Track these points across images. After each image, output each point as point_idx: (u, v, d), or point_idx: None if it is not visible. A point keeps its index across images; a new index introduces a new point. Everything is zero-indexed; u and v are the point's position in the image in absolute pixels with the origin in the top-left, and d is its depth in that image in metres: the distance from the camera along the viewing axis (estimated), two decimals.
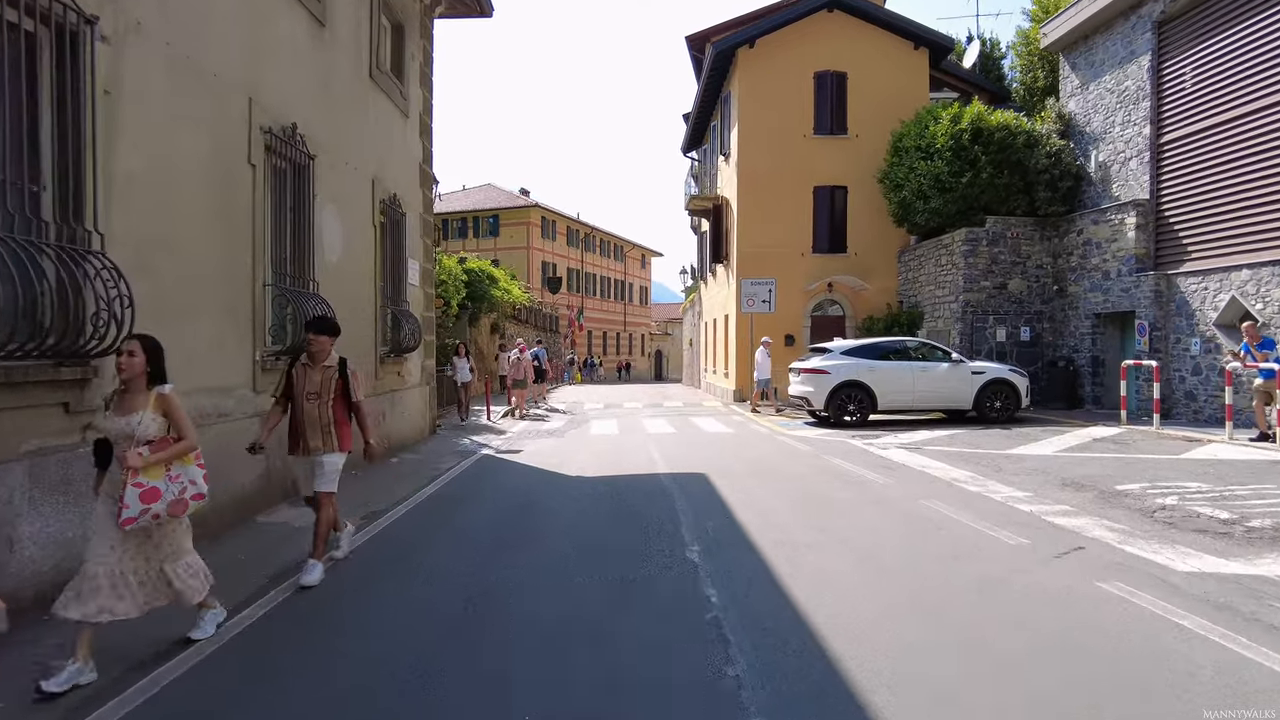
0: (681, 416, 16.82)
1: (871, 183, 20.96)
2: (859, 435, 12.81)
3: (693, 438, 12.89)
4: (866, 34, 21.52)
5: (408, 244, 12.07)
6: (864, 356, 14.40)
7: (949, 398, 14.42)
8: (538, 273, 47.70)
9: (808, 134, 21.47)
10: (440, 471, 9.79)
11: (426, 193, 13.36)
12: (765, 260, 21.05)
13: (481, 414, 17.03)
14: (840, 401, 14.11)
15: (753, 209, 21.42)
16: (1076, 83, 17.77)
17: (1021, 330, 17.85)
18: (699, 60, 35.70)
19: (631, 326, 62.33)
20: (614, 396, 25.63)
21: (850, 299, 21.53)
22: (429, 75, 13.40)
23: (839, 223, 21.53)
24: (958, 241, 17.91)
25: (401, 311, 11.55)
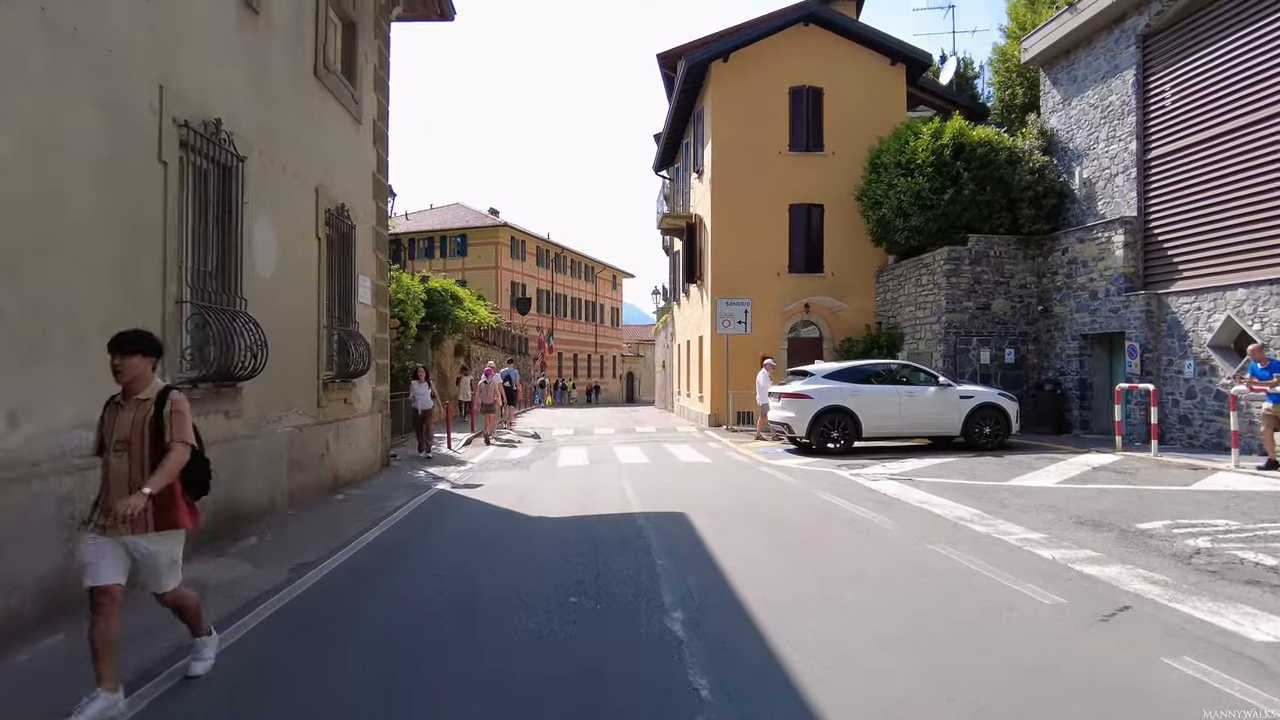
0: (655, 444, 15.92)
1: (848, 201, 20.40)
2: (845, 465, 12.00)
3: (668, 469, 11.98)
4: (843, 49, 21.06)
5: (358, 259, 11.09)
6: (847, 380, 13.65)
7: (937, 423, 13.70)
8: (506, 293, 46.68)
9: (783, 151, 20.89)
10: (387, 511, 8.77)
11: (381, 205, 12.41)
12: (740, 280, 20.33)
13: (442, 442, 15.97)
14: (823, 428, 13.31)
15: (727, 227, 20.73)
16: (1058, 98, 17.37)
17: (1006, 352, 17.27)
18: (670, 78, 35.26)
19: (603, 348, 61.43)
20: (584, 421, 24.66)
21: (827, 320, 20.86)
22: (385, 80, 12.50)
23: (815, 242, 20.91)
24: (939, 261, 17.33)
25: (349, 333, 10.55)
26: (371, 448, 11.85)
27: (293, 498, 8.71)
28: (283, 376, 8.49)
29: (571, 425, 22.67)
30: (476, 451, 15.36)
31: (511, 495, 9.65)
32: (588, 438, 17.85)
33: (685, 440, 16.71)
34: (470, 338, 25.78)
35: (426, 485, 10.75)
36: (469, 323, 23.30)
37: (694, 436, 17.67)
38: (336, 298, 10.42)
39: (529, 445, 16.38)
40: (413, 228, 49.52)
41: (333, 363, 10.15)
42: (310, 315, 9.42)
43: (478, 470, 12.40)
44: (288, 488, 8.62)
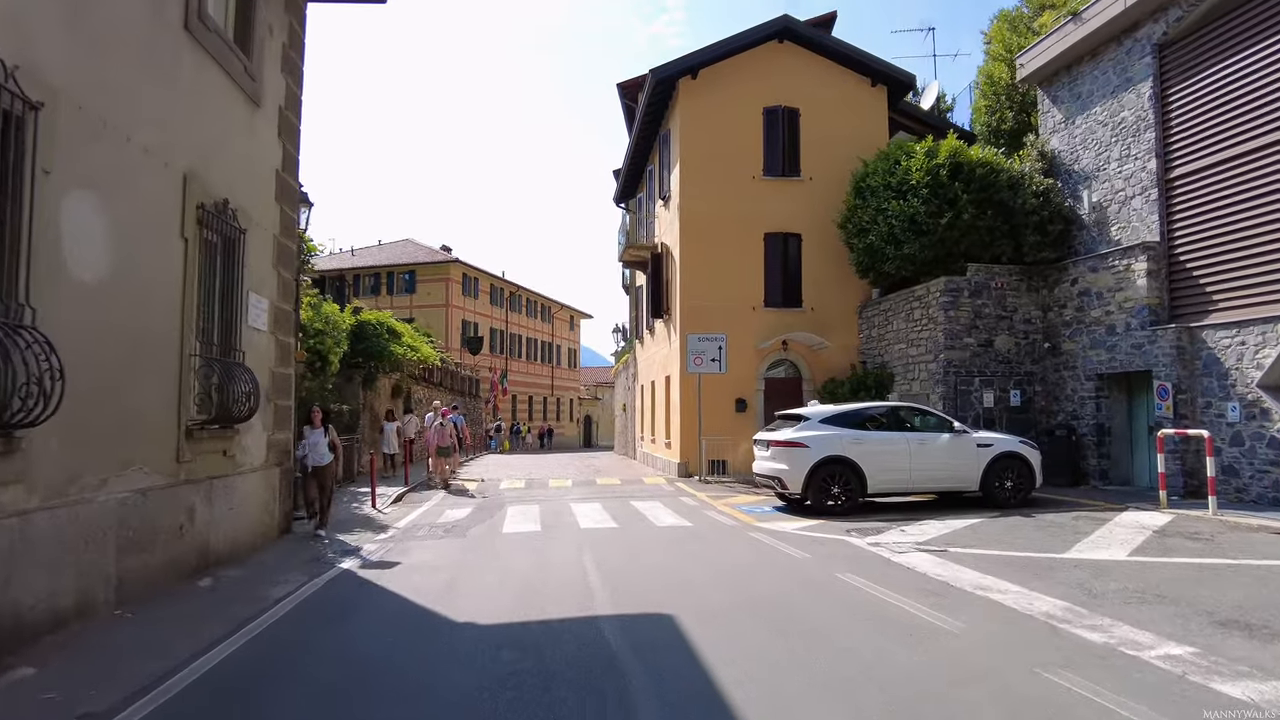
0: (620, 500, 13.63)
1: (827, 230, 18.69)
2: (853, 528, 9.88)
3: (641, 538, 9.70)
4: (820, 68, 19.56)
5: (251, 273, 8.76)
6: (848, 425, 11.60)
7: (951, 476, 11.71)
8: (457, 332, 44.18)
9: (757, 175, 19.15)
10: (261, 607, 6.34)
11: (289, 211, 10.11)
12: (712, 315, 18.36)
13: (366, 500, 13.46)
14: (822, 483, 11.20)
15: (696, 257, 18.81)
16: (1059, 117, 15.94)
17: (1011, 394, 15.49)
18: (631, 109, 33.66)
19: (559, 390, 58.99)
20: (538, 470, 22.20)
21: (807, 359, 18.95)
22: (297, 63, 10.32)
23: (793, 274, 19.10)
24: (935, 292, 15.58)
25: (232, 365, 8.17)
26: (264, 511, 9.36)
27: (126, 591, 6.24)
28: (113, 421, 6.11)
29: (523, 475, 20.23)
30: (406, 510, 12.88)
31: (436, 581, 7.28)
32: (541, 492, 15.47)
33: (655, 495, 14.45)
34: (411, 378, 23.28)
35: (330, 562, 8.31)
36: (408, 360, 20.85)
37: (664, 490, 15.41)
38: (214, 319, 8.06)
39: (468, 504, 13.94)
40: (360, 264, 46.98)
41: (206, 403, 7.74)
42: (167, 339, 7.05)
43: (402, 538, 9.96)
44: (117, 577, 6.15)
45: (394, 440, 17.26)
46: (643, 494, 14.64)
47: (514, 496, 14.66)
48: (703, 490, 15.19)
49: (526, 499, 14.15)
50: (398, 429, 16.80)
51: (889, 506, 11.94)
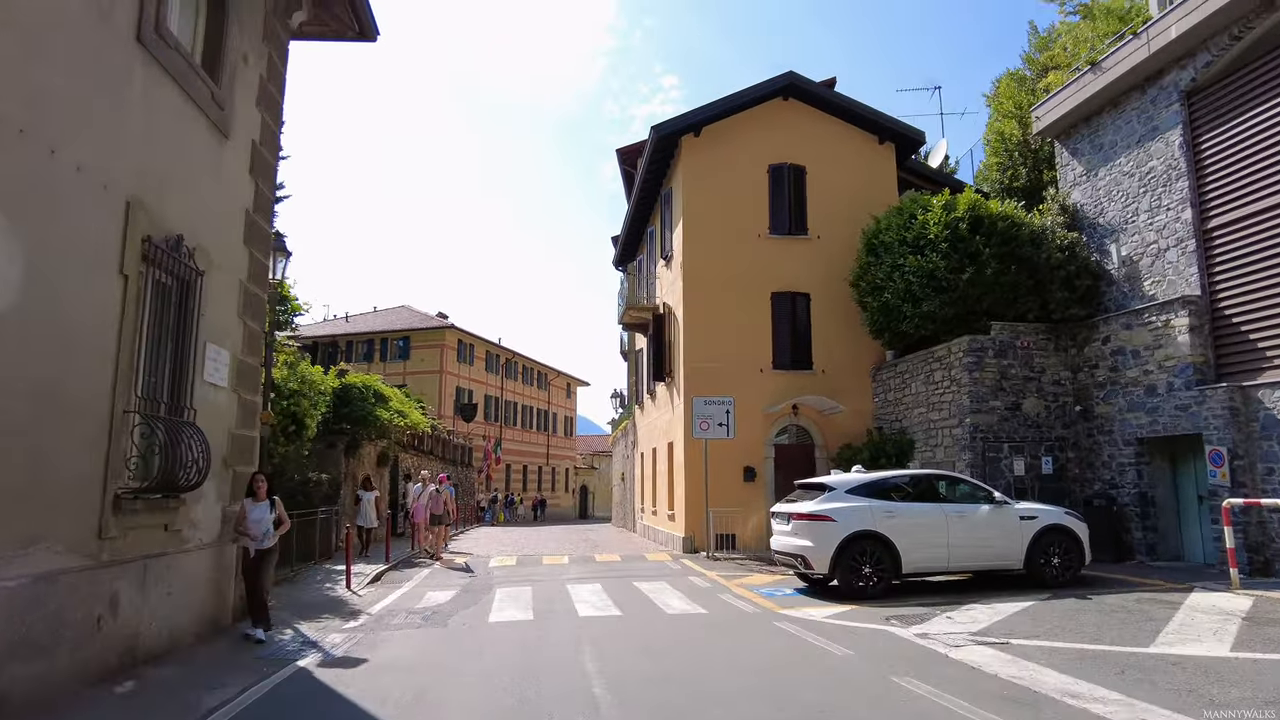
0: (622, 580, 12.31)
1: (837, 289, 17.87)
2: (892, 615, 8.63)
3: (651, 629, 8.41)
4: (826, 125, 19.07)
5: (208, 321, 7.73)
6: (878, 496, 10.43)
7: (993, 552, 10.48)
8: (451, 399, 43.03)
9: (763, 233, 18.42)
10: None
11: (260, 256, 9.16)
12: (718, 377, 17.34)
13: (341, 579, 12.13)
14: (851, 561, 9.96)
15: (700, 317, 17.91)
16: (1080, 170, 15.28)
17: (1043, 460, 14.37)
18: (630, 174, 33.39)
19: (555, 460, 57.49)
20: (531, 545, 20.79)
21: (819, 424, 17.85)
22: (275, 98, 9.53)
23: (802, 334, 18.17)
24: (958, 353, 14.61)
25: (179, 425, 7.05)
26: (214, 594, 8.10)
27: (11, 707, 4.98)
28: (10, 489, 4.97)
29: (515, 550, 18.82)
30: (384, 592, 11.55)
31: (406, 688, 6.01)
32: (534, 570, 14.12)
33: (659, 574, 13.14)
34: (399, 445, 22.06)
35: (285, 659, 7.02)
36: (395, 426, 19.68)
37: (669, 569, 14.08)
38: (161, 370, 6.99)
39: (454, 584, 12.61)
40: (353, 329, 46.14)
41: (145, 469, 6.61)
42: (94, 392, 5.96)
43: (374, 627, 8.66)
44: None
45: (371, 513, 15.72)
46: (646, 573, 13.31)
47: (504, 575, 13.31)
48: (712, 568, 13.87)
49: (518, 578, 12.82)
50: (376, 500, 15.26)
51: (923, 587, 10.67)
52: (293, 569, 12.95)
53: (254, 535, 7.96)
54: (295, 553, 13.39)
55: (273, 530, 8.10)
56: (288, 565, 12.90)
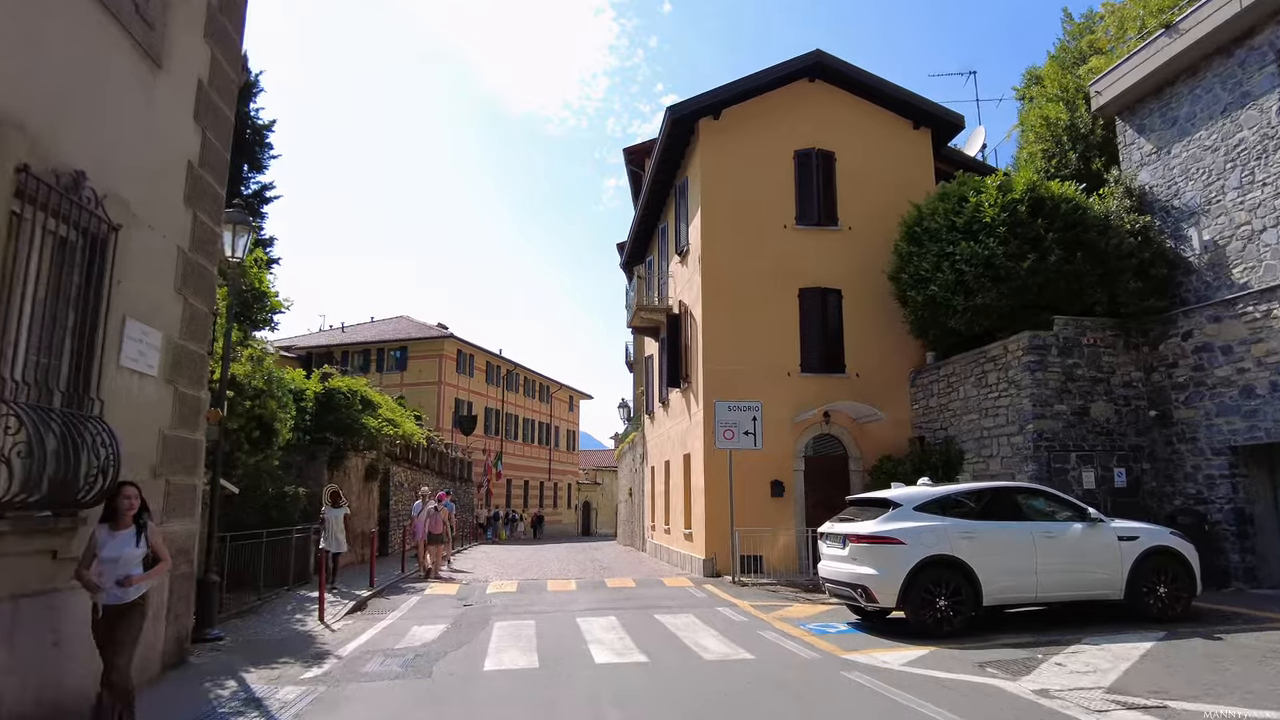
0: (641, 611, 10.58)
1: (871, 285, 16.27)
2: (987, 661, 6.92)
3: (689, 684, 6.67)
4: (856, 109, 17.52)
5: (128, 290, 6.09)
6: (952, 514, 8.73)
7: (1090, 581, 8.76)
8: (450, 411, 41.34)
9: (789, 224, 16.81)
10: None
11: (207, 222, 7.53)
12: (740, 382, 15.67)
13: (313, 609, 10.42)
14: (924, 593, 8.24)
15: (721, 316, 16.26)
16: (1148, 148, 13.66)
17: (1115, 472, 12.67)
18: (637, 175, 31.97)
19: (557, 475, 55.66)
20: (534, 566, 19.03)
21: (854, 433, 16.14)
22: (229, 32, 7.93)
23: (833, 334, 16.51)
24: (1017, 351, 12.95)
25: (79, 419, 5.39)
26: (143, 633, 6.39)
27: None
28: None
29: (516, 572, 17.07)
30: (363, 625, 9.82)
31: None
32: (538, 599, 12.39)
33: (684, 604, 11.41)
34: (390, 457, 20.35)
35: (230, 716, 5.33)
36: (385, 436, 17.99)
37: (694, 597, 12.34)
38: (57, 349, 5.34)
39: (445, 612, 10.88)
40: (349, 339, 44.56)
41: (29, 476, 4.94)
42: None
43: (340, 677, 6.95)
44: None
45: (340, 534, 13.08)
46: (668, 602, 11.57)
47: (504, 605, 11.57)
48: (742, 596, 12.13)
49: (519, 609, 11.08)
50: (346, 518, 13.11)
51: (1001, 622, 8.94)
52: (259, 596, 11.24)
53: (102, 584, 4.75)
54: (266, 576, 11.70)
55: (140, 573, 4.92)
56: (253, 592, 11.20)
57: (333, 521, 12.86)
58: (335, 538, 12.89)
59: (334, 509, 13.05)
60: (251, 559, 11.29)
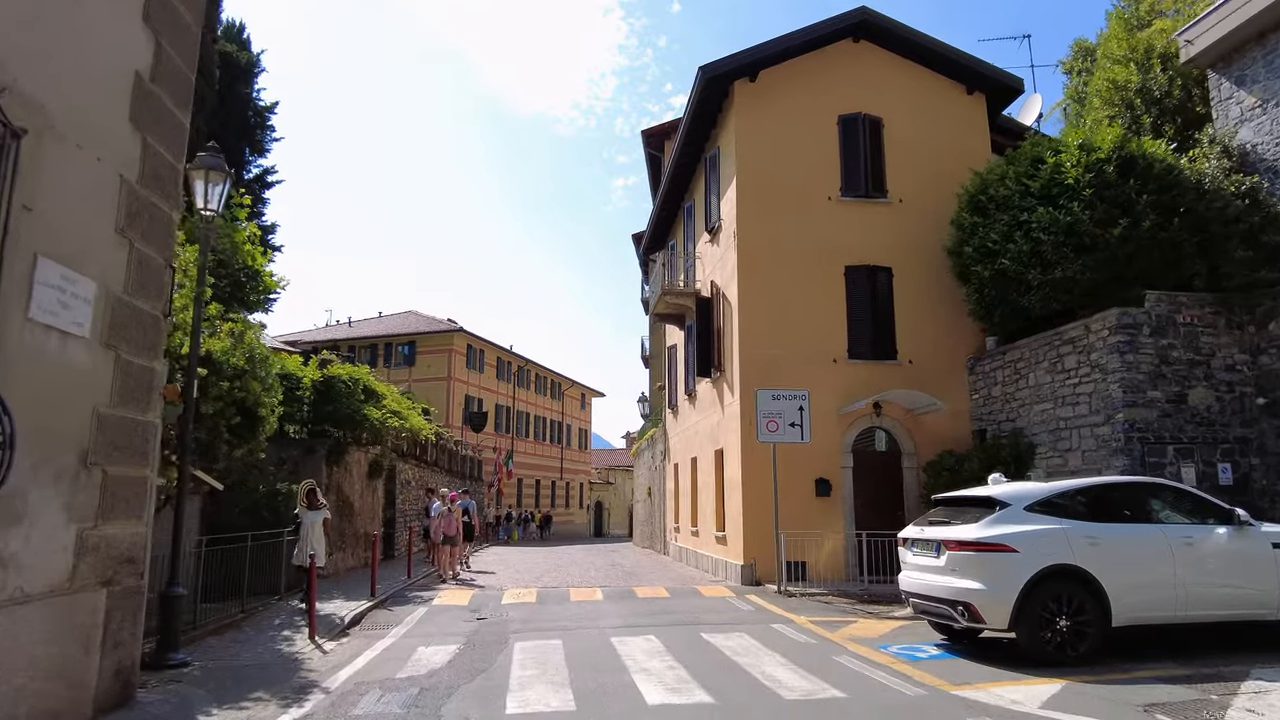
0: (685, 628, 9.09)
1: (924, 262, 14.78)
2: (1149, 702, 5.40)
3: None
4: (906, 72, 15.99)
5: (40, 222, 4.66)
6: (1072, 516, 7.19)
7: (1240, 597, 7.21)
8: (459, 408, 39.97)
9: (834, 196, 15.30)
10: None
11: (161, 150, 6.08)
12: (781, 369, 14.17)
13: (304, 625, 8.97)
14: (1044, 611, 6.72)
15: (759, 297, 14.76)
16: (1250, 102, 12.06)
17: (1219, 468, 11.10)
18: (655, 159, 30.51)
19: (569, 474, 54.22)
20: (552, 570, 17.56)
21: (908, 426, 14.61)
22: None
23: (884, 317, 14.98)
24: (1103, 330, 11.40)
25: None
26: (59, 672, 4.94)
27: None
28: None
29: (532, 578, 15.61)
30: (360, 645, 8.36)
31: None
32: (560, 611, 10.92)
33: (730, 618, 9.92)
34: (396, 453, 18.92)
35: None
36: (389, 429, 16.56)
37: (738, 610, 10.84)
38: None
39: (457, 630, 9.41)
40: (355, 334, 43.25)
41: None
42: None
43: (334, 710, 5.49)
44: None
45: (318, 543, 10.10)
46: (712, 617, 10.06)
47: (523, 618, 10.10)
48: (796, 609, 10.62)
49: (542, 624, 9.61)
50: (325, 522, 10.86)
51: (1129, 647, 7.38)
52: (243, 608, 9.81)
53: None
54: (250, 584, 10.27)
55: None
56: (236, 601, 9.77)
57: (308, 527, 10.03)
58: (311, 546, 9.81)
59: (311, 512, 10.21)
60: (236, 565, 9.85)
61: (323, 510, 10.32)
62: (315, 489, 10.44)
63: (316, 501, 10.37)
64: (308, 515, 10.22)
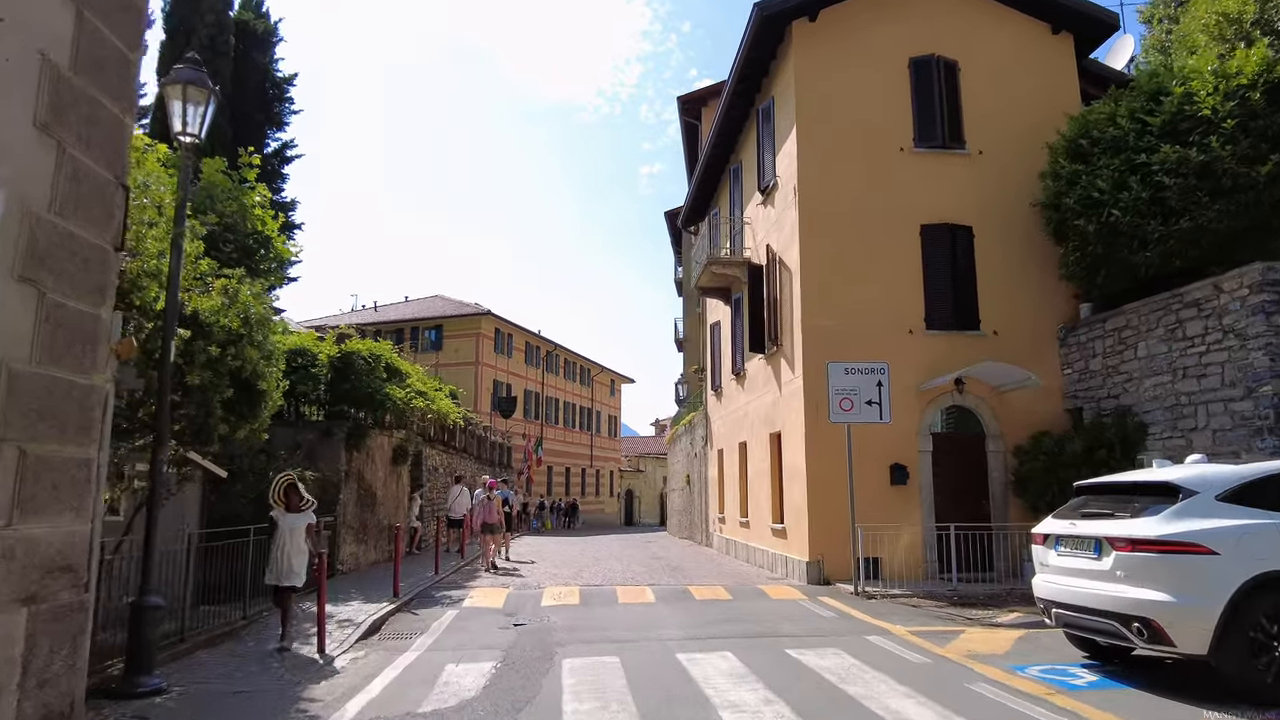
0: (764, 641, 7.62)
1: (1008, 221, 13.17)
2: None
3: None
4: (982, 9, 14.26)
5: None
6: (1264, 506, 5.59)
7: None
8: (488, 394, 38.74)
9: (906, 147, 13.64)
10: None
11: (99, 26, 4.66)
12: (849, 340, 12.58)
13: (311, 637, 7.61)
14: (1257, 633, 5.14)
15: (823, 260, 13.16)
16: None
17: None
18: (693, 128, 28.89)
19: (599, 462, 52.90)
20: (590, 564, 16.17)
21: (992, 404, 12.97)
22: None
23: (964, 282, 13.32)
24: (1237, 290, 9.69)
25: None
26: None
27: None
28: None
29: (571, 573, 14.24)
30: (377, 662, 7.00)
31: None
32: (611, 615, 9.49)
33: (811, 627, 8.44)
34: (423, 437, 17.61)
35: None
36: (413, 410, 15.22)
37: (817, 616, 9.34)
38: None
39: (493, 641, 8.02)
40: (381, 319, 42.20)
41: None
42: None
43: None
44: None
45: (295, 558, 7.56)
46: (789, 626, 8.57)
47: (568, 625, 8.68)
48: (882, 615, 9.10)
49: (590, 632, 8.18)
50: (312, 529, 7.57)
51: None
52: (245, 613, 8.50)
53: None
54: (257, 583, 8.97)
55: None
56: (237, 603, 8.47)
57: (286, 534, 7.49)
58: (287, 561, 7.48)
59: (292, 515, 7.61)
60: (238, 562, 8.55)
61: (307, 512, 7.73)
62: (296, 485, 7.81)
63: (297, 502, 7.72)
64: (285, 519, 7.57)
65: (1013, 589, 11.04)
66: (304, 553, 7.67)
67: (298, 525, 7.62)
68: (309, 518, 7.80)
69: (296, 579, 7.58)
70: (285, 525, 7.57)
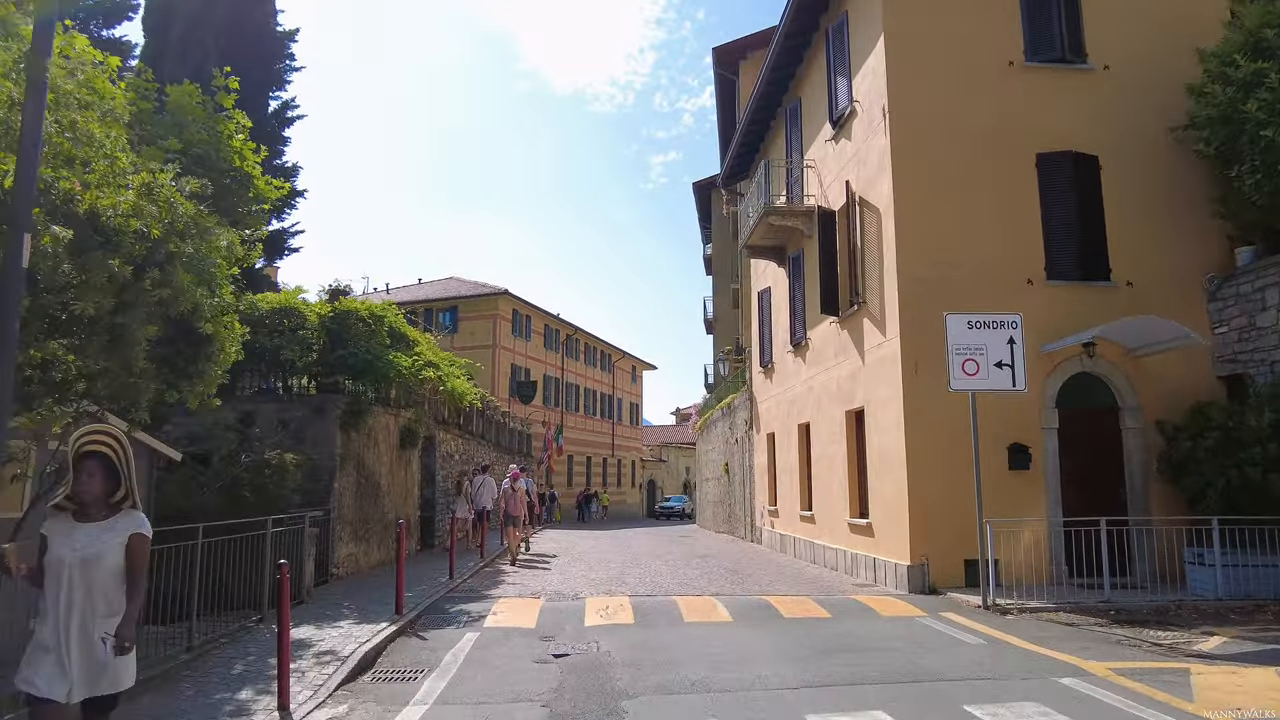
0: (921, 689, 5.37)
1: (1142, 151, 10.87)
2: None
3: None
4: None
5: None
6: None
7: None
8: (505, 378, 36.56)
9: (1015, 61, 11.24)
10: None
11: None
12: (953, 294, 10.21)
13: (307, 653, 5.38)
14: None
15: (920, 196, 10.79)
16: None
17: None
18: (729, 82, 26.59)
19: (620, 451, 50.69)
20: (629, 565, 13.92)
21: (1127, 371, 10.59)
22: None
23: (1091, 223, 10.94)
24: None
25: None
26: None
27: None
28: None
29: (611, 575, 12.02)
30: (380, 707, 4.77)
31: None
32: (678, 639, 7.25)
33: (967, 664, 6.15)
34: (435, 419, 15.38)
35: None
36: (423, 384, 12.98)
37: (961, 644, 7.05)
38: None
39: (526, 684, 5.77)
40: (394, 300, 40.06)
41: None
42: None
43: None
44: None
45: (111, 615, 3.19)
46: (936, 659, 6.27)
47: (626, 657, 6.41)
48: (1048, 642, 6.78)
49: (661, 671, 5.92)
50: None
51: None
52: (190, 644, 6.30)
53: None
54: (217, 599, 6.81)
55: None
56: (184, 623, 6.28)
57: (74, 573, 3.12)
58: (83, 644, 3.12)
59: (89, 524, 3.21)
60: (183, 575, 6.35)
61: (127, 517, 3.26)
62: (114, 443, 3.20)
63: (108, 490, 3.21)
64: (75, 535, 3.18)
65: (1180, 601, 8.73)
66: (120, 614, 3.19)
67: (106, 549, 3.18)
68: (135, 524, 3.28)
69: (116, 679, 3.29)
70: (73, 552, 3.13)
